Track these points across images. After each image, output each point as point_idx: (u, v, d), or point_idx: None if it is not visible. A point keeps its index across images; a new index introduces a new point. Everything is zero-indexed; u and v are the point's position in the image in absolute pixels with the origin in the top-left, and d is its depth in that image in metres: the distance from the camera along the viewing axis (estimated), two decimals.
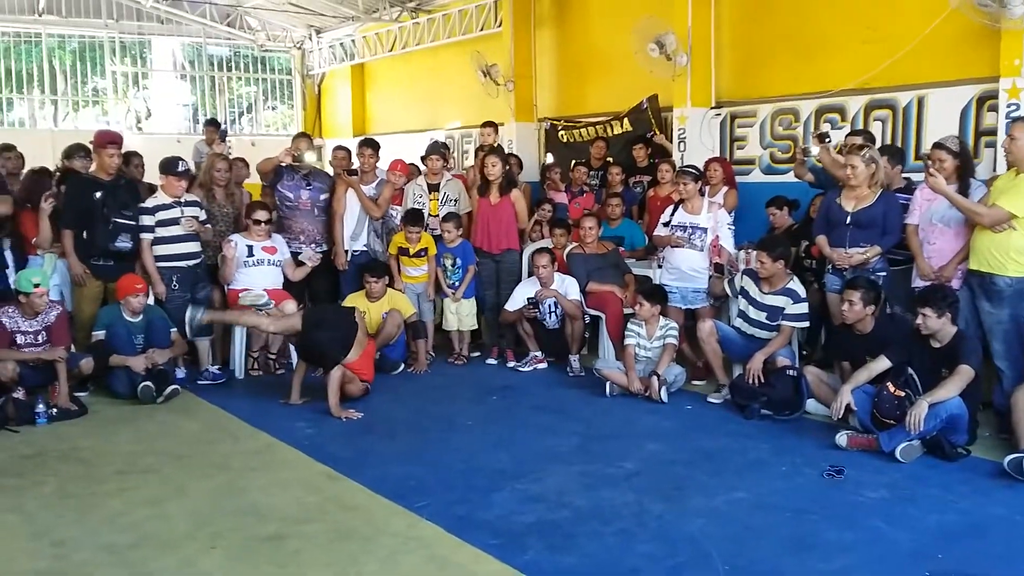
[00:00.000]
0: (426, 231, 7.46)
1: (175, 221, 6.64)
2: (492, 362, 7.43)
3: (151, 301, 6.59)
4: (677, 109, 8.90)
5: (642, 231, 8.00)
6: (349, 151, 8.18)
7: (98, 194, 6.49)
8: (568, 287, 7.01)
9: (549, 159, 10.42)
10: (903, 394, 4.91)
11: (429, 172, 7.85)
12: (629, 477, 4.65)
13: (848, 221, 5.79)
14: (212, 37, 15.69)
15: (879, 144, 6.74)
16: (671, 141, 8.97)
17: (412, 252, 7.35)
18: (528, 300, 6.99)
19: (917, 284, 5.64)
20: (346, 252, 7.45)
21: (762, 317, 6.08)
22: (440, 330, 7.67)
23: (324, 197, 7.44)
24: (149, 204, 6.66)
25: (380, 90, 14.82)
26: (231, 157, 8.25)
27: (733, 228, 6.95)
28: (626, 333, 6.43)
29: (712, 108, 8.79)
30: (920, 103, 7.26)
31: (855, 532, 3.92)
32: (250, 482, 4.68)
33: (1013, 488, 4.41)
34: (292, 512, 4.25)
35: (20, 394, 5.78)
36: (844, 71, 7.65)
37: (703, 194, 6.90)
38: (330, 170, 8.20)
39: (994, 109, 6.65)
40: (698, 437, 5.37)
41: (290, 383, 6.24)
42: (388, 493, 4.43)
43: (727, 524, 4.03)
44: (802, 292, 6.05)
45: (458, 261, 7.42)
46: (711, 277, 6.56)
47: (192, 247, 6.76)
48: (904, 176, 6.39)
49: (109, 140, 6.70)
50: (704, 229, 6.60)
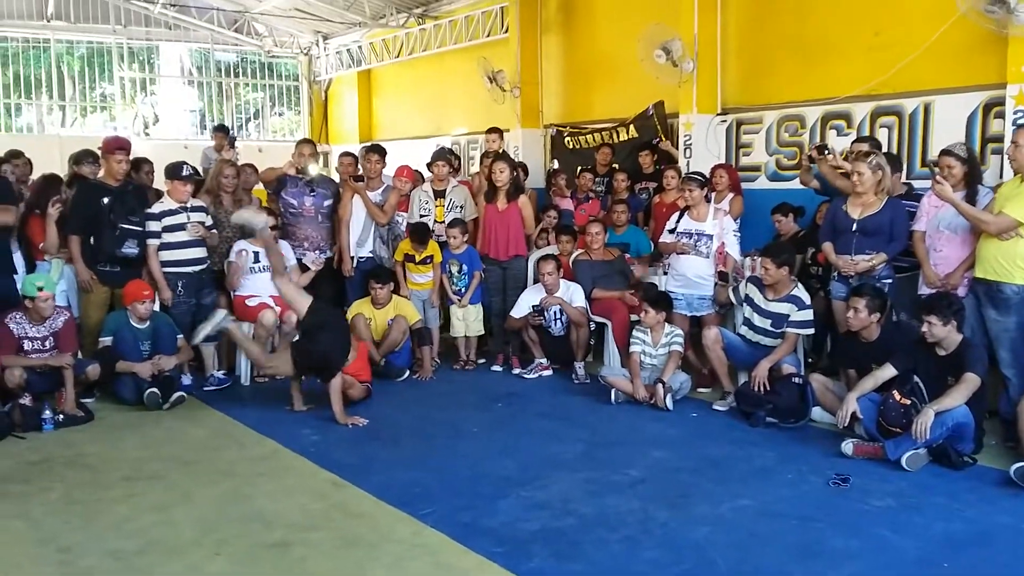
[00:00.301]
0: (432, 237, 7.47)
1: (181, 227, 6.67)
2: (497, 369, 7.42)
3: (156, 307, 6.60)
4: (683, 115, 8.90)
5: (648, 237, 8.00)
6: (355, 157, 8.17)
7: (105, 200, 6.51)
8: (573, 294, 7.01)
9: (555, 165, 10.45)
10: (909, 402, 4.90)
11: (435, 178, 7.86)
12: (634, 484, 4.65)
13: (854, 228, 5.79)
14: (220, 43, 15.77)
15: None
16: (677, 148, 8.98)
17: (418, 259, 7.36)
18: (533, 307, 7.00)
19: (923, 291, 5.64)
20: (352, 258, 7.47)
21: (767, 324, 6.07)
22: (444, 336, 7.68)
23: (328, 203, 7.45)
24: (155, 210, 6.68)
25: (387, 96, 14.86)
26: (240, 163, 8.28)
27: (739, 235, 6.95)
28: (631, 340, 6.43)
29: (718, 115, 8.79)
30: (926, 110, 7.24)
31: (861, 540, 3.91)
32: (256, 489, 4.69)
33: (1019, 497, 4.41)
34: (297, 519, 4.25)
35: (27, 400, 5.80)
36: (850, 77, 7.65)
37: (709, 201, 6.89)
38: (336, 176, 8.21)
39: (1001, 116, 6.63)
40: (703, 444, 5.37)
41: (292, 391, 6.24)
42: (393, 500, 4.43)
43: (732, 532, 4.03)
44: (807, 299, 6.05)
45: (464, 267, 7.43)
46: (716, 285, 6.56)
47: (198, 253, 6.79)
48: (904, 183, 6.38)
49: (117, 146, 6.72)
50: (710, 236, 6.60)
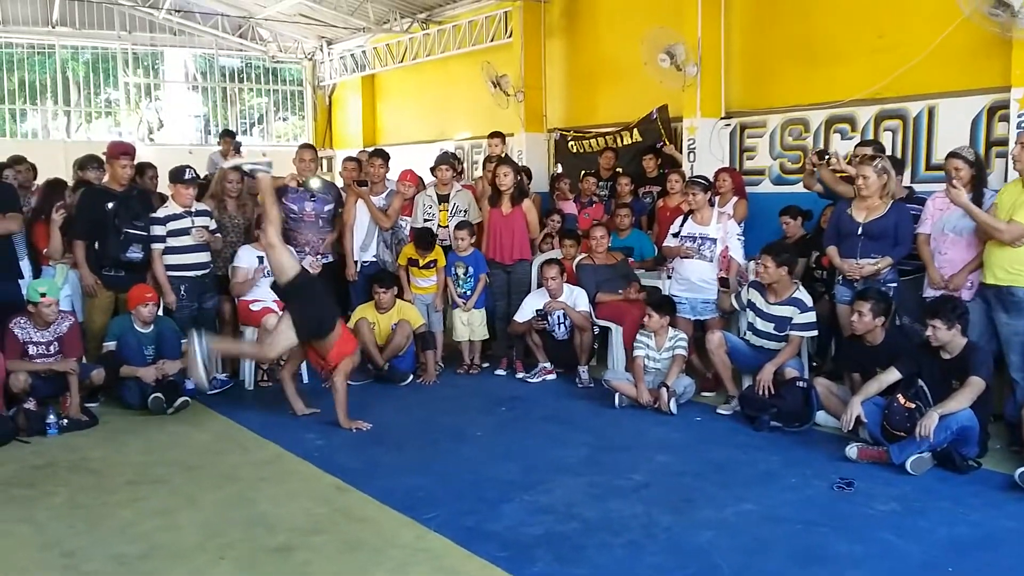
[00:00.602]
0: (436, 243, 7.47)
1: (186, 231, 6.68)
2: (501, 373, 7.41)
3: (160, 312, 6.61)
4: (687, 119, 8.91)
5: (651, 241, 8.00)
6: (359, 162, 8.18)
7: (110, 205, 6.52)
8: (577, 298, 7.01)
9: (558, 169, 10.45)
10: (913, 406, 4.90)
11: (439, 182, 7.87)
12: (638, 489, 4.64)
13: (859, 232, 5.77)
14: (224, 48, 15.82)
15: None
16: (681, 151, 8.98)
17: (422, 263, 7.37)
18: (537, 312, 6.99)
19: (928, 294, 5.63)
20: (356, 263, 7.48)
21: (770, 328, 6.06)
22: (447, 340, 7.68)
23: (328, 208, 7.45)
24: (160, 214, 6.69)
25: (390, 101, 14.89)
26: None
27: (743, 239, 6.95)
28: (635, 344, 6.42)
29: (722, 118, 8.80)
30: (931, 113, 7.24)
31: (865, 545, 3.90)
32: (259, 493, 4.69)
33: None
34: (301, 523, 4.25)
35: (31, 405, 5.81)
36: (854, 81, 7.64)
37: (713, 205, 6.90)
38: (339, 181, 8.21)
39: (1005, 119, 6.62)
40: (707, 449, 5.36)
41: (287, 397, 6.13)
42: (397, 504, 4.43)
43: (736, 536, 4.02)
44: (809, 301, 6.04)
45: (470, 270, 7.42)
46: (718, 292, 6.55)
47: (202, 257, 6.80)
48: (905, 186, 6.37)
49: (122, 151, 6.74)
50: (714, 240, 6.59)
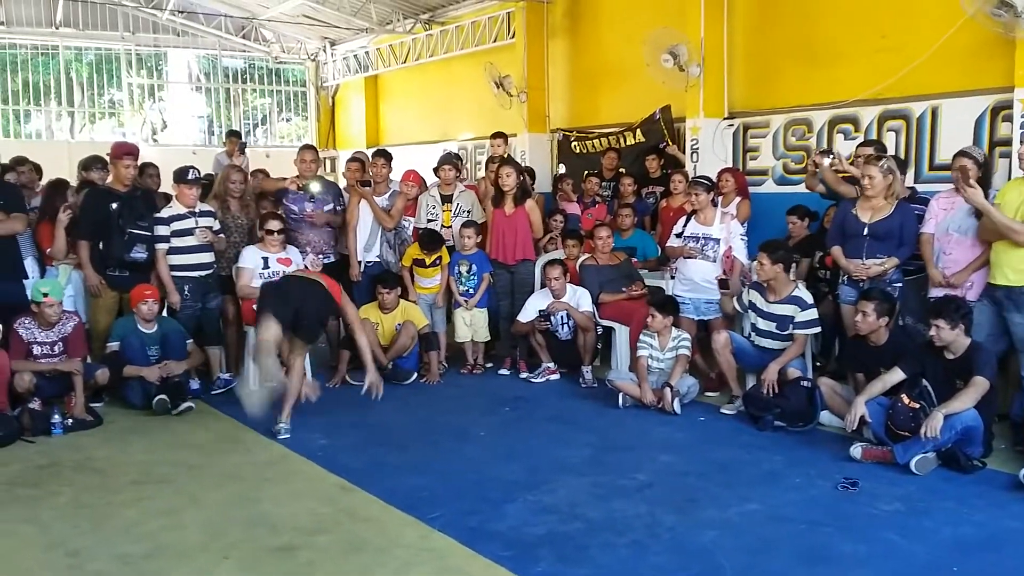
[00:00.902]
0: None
1: (189, 231, 6.68)
2: (505, 373, 7.41)
3: (165, 313, 6.63)
4: (690, 120, 8.91)
5: (654, 241, 8.00)
6: (363, 163, 8.18)
7: (114, 205, 6.53)
8: (580, 299, 7.01)
9: (561, 170, 10.45)
10: (918, 406, 4.89)
11: (442, 183, 7.88)
12: (642, 488, 4.64)
13: (865, 232, 5.76)
14: (227, 49, 15.84)
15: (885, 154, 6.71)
16: (684, 152, 8.98)
17: (428, 262, 7.37)
18: (540, 312, 6.99)
19: (932, 294, 5.61)
20: (359, 263, 7.48)
21: (772, 327, 6.06)
22: (449, 340, 7.68)
23: (328, 208, 7.45)
24: (164, 214, 6.69)
25: (394, 101, 14.90)
26: (252, 169, 8.29)
27: (746, 239, 6.94)
28: (638, 344, 6.42)
29: (725, 119, 8.80)
30: (934, 113, 7.24)
31: (869, 545, 3.90)
32: (263, 493, 4.69)
33: None
34: (305, 523, 4.25)
35: (36, 404, 5.83)
36: (857, 81, 7.64)
37: (716, 205, 6.89)
38: (343, 181, 8.22)
39: (1009, 119, 6.61)
40: (711, 449, 5.36)
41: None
42: (401, 504, 4.43)
43: (740, 536, 4.02)
44: (809, 299, 6.03)
45: (473, 268, 7.42)
46: (720, 295, 6.53)
47: (205, 257, 6.79)
48: (908, 187, 6.35)
49: (125, 152, 6.76)
50: (717, 240, 6.59)
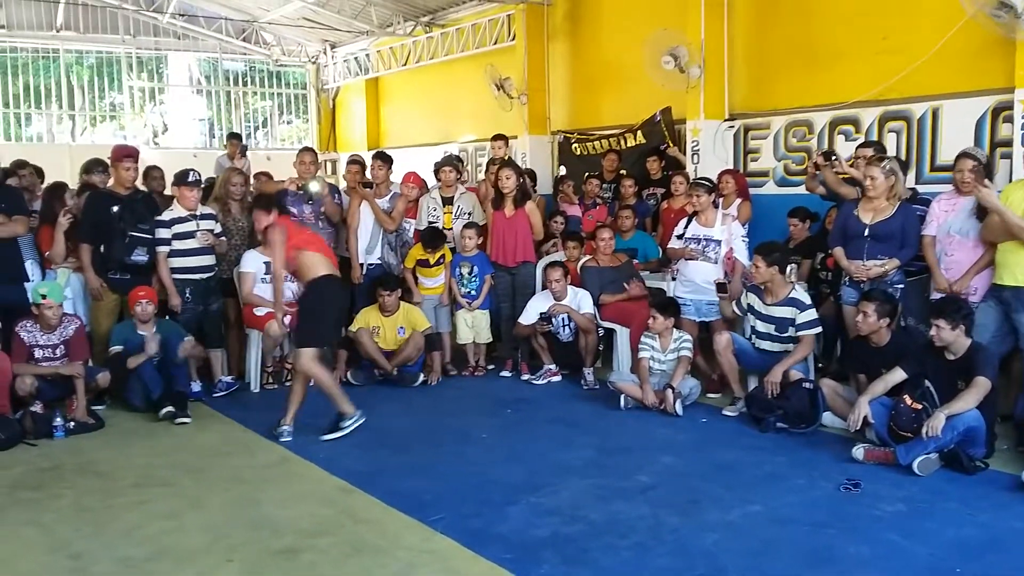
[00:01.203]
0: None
1: (191, 234, 6.67)
2: (506, 375, 7.41)
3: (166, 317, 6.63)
4: (690, 121, 8.90)
5: (655, 243, 8.00)
6: (362, 165, 8.18)
7: (115, 208, 6.54)
8: (581, 301, 7.00)
9: (562, 172, 10.45)
10: (920, 407, 4.88)
11: (443, 185, 7.88)
12: (644, 490, 4.64)
13: (866, 233, 5.75)
14: (228, 52, 15.85)
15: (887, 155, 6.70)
16: (685, 153, 8.98)
17: (432, 261, 7.37)
18: (541, 315, 6.98)
19: (935, 295, 5.61)
20: (361, 266, 7.48)
21: (771, 329, 6.04)
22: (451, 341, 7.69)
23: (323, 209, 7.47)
24: (166, 217, 6.69)
25: (394, 104, 14.90)
26: (254, 172, 8.30)
27: (747, 240, 6.93)
28: (640, 346, 6.41)
29: (726, 120, 8.80)
30: (935, 115, 7.23)
31: (872, 546, 3.89)
32: (265, 495, 4.69)
33: None
34: (307, 525, 4.25)
35: (38, 407, 5.82)
36: (858, 82, 7.64)
37: (717, 206, 6.89)
38: (343, 184, 8.23)
39: (1009, 120, 6.60)
40: (713, 450, 5.35)
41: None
42: (403, 506, 4.43)
43: (743, 538, 4.01)
44: (806, 299, 6.02)
45: (475, 269, 7.43)
46: (719, 298, 6.51)
47: (207, 260, 6.79)
48: (909, 188, 6.34)
49: (125, 154, 6.77)
50: (718, 241, 6.59)
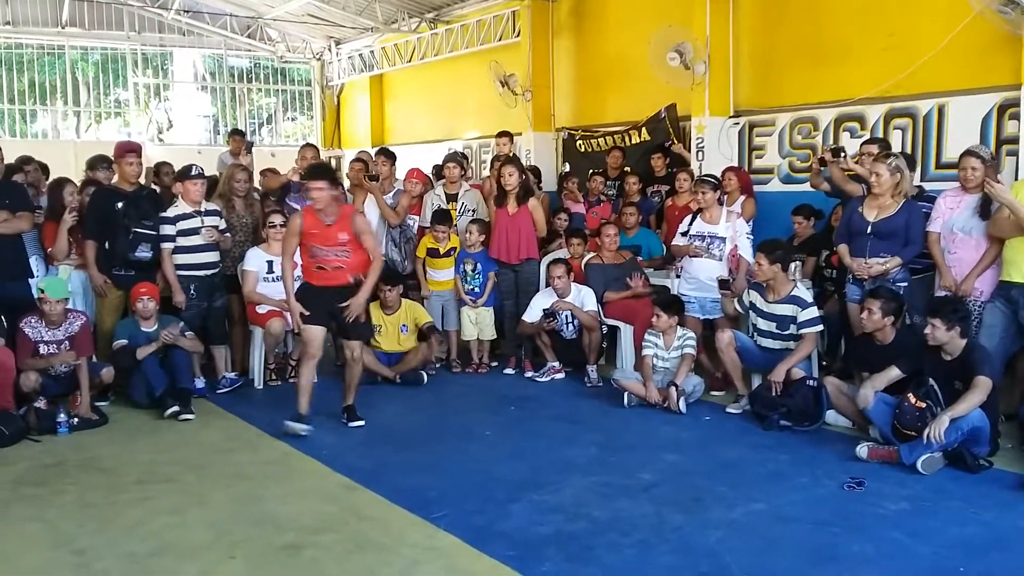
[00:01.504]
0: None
1: (195, 231, 6.67)
2: (510, 372, 7.41)
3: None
4: (695, 118, 8.89)
5: (659, 240, 7.98)
6: (366, 163, 8.20)
7: (120, 204, 6.54)
8: (585, 298, 7.00)
9: (567, 169, 10.43)
10: (924, 405, 4.87)
11: (447, 181, 7.89)
12: (647, 488, 4.63)
13: (869, 231, 5.74)
14: (232, 49, 15.83)
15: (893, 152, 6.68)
16: (689, 150, 8.96)
17: (443, 251, 7.39)
18: (544, 311, 6.98)
19: (939, 293, 5.60)
20: None
21: (772, 327, 6.04)
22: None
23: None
24: (170, 213, 6.68)
25: (399, 100, 14.89)
26: (261, 169, 8.29)
27: (751, 237, 6.92)
28: (643, 344, 6.40)
29: (730, 117, 8.78)
30: (941, 111, 7.20)
31: (876, 545, 3.88)
32: (268, 491, 4.70)
33: None
34: (310, 522, 4.25)
35: (42, 403, 5.84)
36: (863, 79, 7.61)
37: (721, 204, 6.87)
38: (347, 182, 8.23)
39: (1015, 117, 6.58)
40: (717, 448, 5.35)
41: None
42: (406, 503, 4.43)
43: (746, 536, 4.01)
44: (808, 297, 6.01)
45: (478, 266, 7.44)
46: (721, 296, 6.50)
47: (211, 257, 6.79)
48: (916, 184, 6.32)
49: (127, 149, 6.78)
50: (722, 239, 6.58)
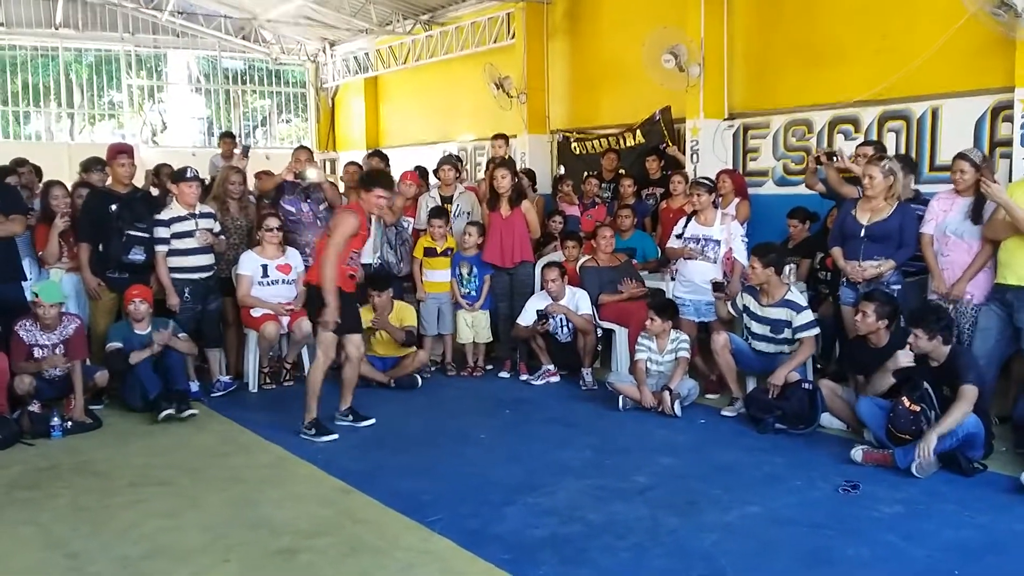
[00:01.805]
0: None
1: (190, 233, 6.65)
2: (505, 375, 7.40)
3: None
4: (690, 121, 8.90)
5: (654, 242, 7.99)
6: (360, 167, 8.24)
7: (113, 207, 6.53)
8: (579, 300, 6.99)
9: (561, 171, 10.44)
10: (919, 409, 4.87)
11: (442, 183, 7.89)
12: (642, 491, 4.63)
13: (862, 234, 5.75)
14: (227, 50, 15.81)
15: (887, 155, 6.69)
16: (684, 153, 8.97)
17: (440, 250, 7.38)
18: (538, 312, 6.97)
19: (932, 296, 5.60)
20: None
21: (766, 331, 6.03)
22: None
23: (324, 207, 7.46)
24: (164, 216, 6.66)
25: (393, 103, 14.89)
26: (255, 171, 8.29)
27: (747, 240, 6.92)
28: (637, 347, 6.40)
29: (725, 119, 8.79)
30: (934, 114, 7.23)
31: (870, 548, 3.89)
32: (263, 495, 4.68)
33: None
34: (305, 526, 4.25)
35: (36, 407, 5.81)
36: (858, 82, 7.63)
37: (716, 206, 6.88)
38: (341, 186, 8.26)
39: (1009, 120, 6.60)
40: (712, 451, 5.35)
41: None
42: (401, 507, 4.42)
43: (741, 539, 4.01)
44: (802, 301, 6.02)
45: (474, 269, 7.43)
46: (716, 298, 6.51)
47: (206, 260, 6.77)
48: (913, 188, 6.33)
49: (119, 151, 6.79)
50: (717, 241, 6.58)
